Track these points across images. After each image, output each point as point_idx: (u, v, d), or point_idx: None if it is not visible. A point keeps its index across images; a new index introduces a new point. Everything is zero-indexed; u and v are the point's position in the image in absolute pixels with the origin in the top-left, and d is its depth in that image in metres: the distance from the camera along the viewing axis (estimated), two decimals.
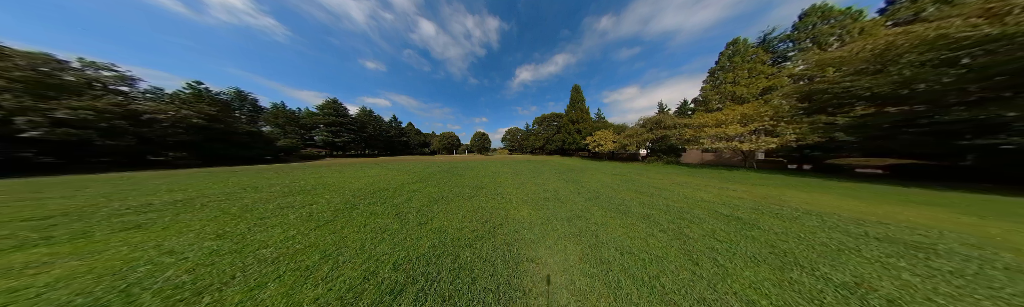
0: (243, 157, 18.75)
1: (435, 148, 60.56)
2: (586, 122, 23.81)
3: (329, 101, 33.06)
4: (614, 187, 5.71)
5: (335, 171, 9.62)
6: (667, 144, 12.61)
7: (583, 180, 6.97)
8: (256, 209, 3.60)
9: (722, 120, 8.86)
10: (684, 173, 8.44)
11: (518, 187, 5.75)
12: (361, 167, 11.88)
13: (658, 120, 12.98)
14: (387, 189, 5.39)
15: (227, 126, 17.81)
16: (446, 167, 12.08)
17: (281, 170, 10.21)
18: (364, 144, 38.94)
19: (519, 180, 6.95)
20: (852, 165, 7.72)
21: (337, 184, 6.11)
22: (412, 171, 9.69)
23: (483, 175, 8.29)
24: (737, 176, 7.49)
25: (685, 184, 6.12)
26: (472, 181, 6.76)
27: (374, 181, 6.66)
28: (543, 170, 10.06)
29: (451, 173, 9.00)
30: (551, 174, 8.56)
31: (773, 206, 3.81)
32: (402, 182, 6.50)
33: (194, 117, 15.27)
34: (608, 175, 8.18)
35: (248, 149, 19.15)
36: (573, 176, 7.92)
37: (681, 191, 5.18)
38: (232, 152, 17.96)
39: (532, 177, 7.65)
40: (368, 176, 7.89)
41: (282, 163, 17.99)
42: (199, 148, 16.12)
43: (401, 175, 8.27)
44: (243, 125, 20.04)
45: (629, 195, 4.77)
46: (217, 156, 17.25)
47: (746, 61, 17.52)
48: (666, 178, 7.27)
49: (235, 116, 20.85)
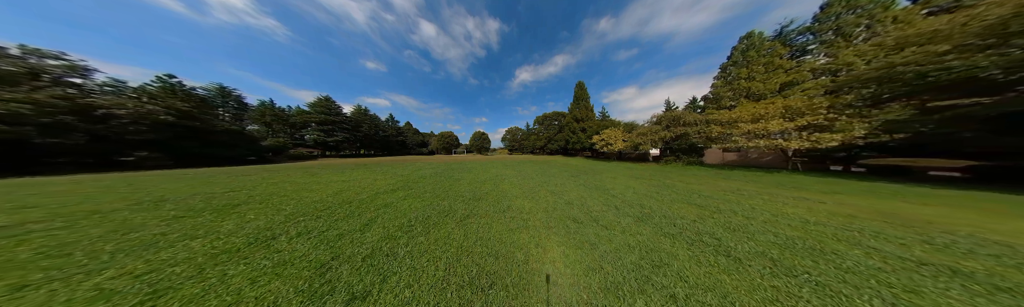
0: (223, 157, 16.98)
1: (434, 148, 58.80)
2: (591, 120, 22.33)
3: (321, 99, 31.23)
4: (654, 197, 4.27)
5: (308, 175, 8.05)
6: (687, 143, 11.24)
7: (606, 185, 5.53)
8: (71, 252, 2.06)
9: (760, 114, 7.51)
10: (717, 176, 7.06)
11: (529, 197, 4.29)
12: (343, 169, 10.30)
13: (676, 117, 11.62)
14: (350, 202, 3.88)
15: (203, 124, 16.05)
16: (441, 169, 10.56)
17: (245, 173, 8.59)
18: (359, 144, 37.13)
19: (528, 186, 5.49)
20: (922, 167, 6.39)
21: (290, 194, 4.57)
22: (399, 174, 8.16)
23: (483, 179, 6.81)
24: (788, 180, 6.13)
25: (740, 192, 4.71)
26: (469, 188, 5.28)
27: (343, 189, 5.13)
28: (552, 172, 8.60)
29: (445, 176, 7.50)
30: (563, 177, 7.12)
31: (931, 233, 2.41)
32: (379, 190, 4.98)
33: (161, 113, 13.52)
34: (630, 178, 6.75)
35: (229, 148, 17.39)
36: (590, 179, 6.49)
37: (751, 203, 3.76)
38: (210, 152, 16.19)
39: (542, 181, 6.20)
40: (341, 181, 6.35)
41: (267, 164, 16.28)
42: (169, 147, 14.36)
43: (383, 179, 6.75)
44: (223, 123, 18.26)
45: (688, 211, 3.34)
46: (194, 156, 15.48)
47: (762, 55, 16.24)
48: (705, 183, 5.87)
49: (214, 113, 19.04)
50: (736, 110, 8.66)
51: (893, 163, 6.73)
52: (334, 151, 35.81)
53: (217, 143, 16.71)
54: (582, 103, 23.27)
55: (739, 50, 17.50)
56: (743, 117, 7.96)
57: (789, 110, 7.02)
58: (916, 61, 5.38)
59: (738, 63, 17.23)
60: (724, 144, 8.85)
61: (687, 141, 11.30)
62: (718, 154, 11.82)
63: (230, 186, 5.34)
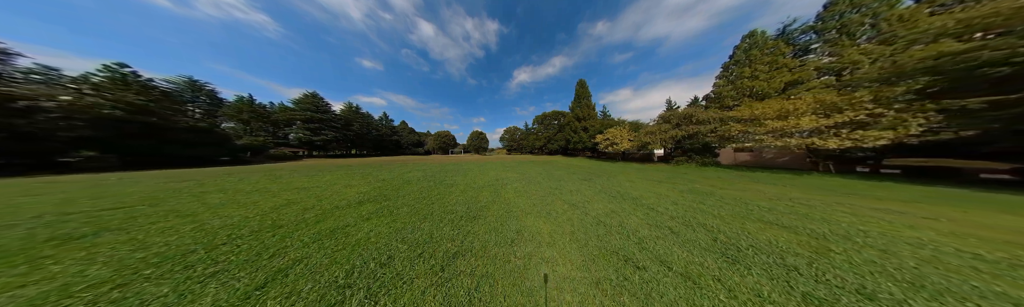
0: (187, 157, 14.95)
1: (430, 148, 56.81)
2: (593, 119, 21.40)
3: (307, 95, 29.00)
4: (704, 210, 3.22)
5: (268, 179, 6.59)
6: (701, 142, 10.41)
7: (630, 192, 4.45)
8: None
9: (788, 110, 6.68)
10: (744, 178, 6.15)
11: (543, 212, 3.14)
12: (317, 172, 8.83)
13: (687, 114, 10.79)
14: (281, 227, 2.59)
15: (162, 120, 14.03)
16: (433, 171, 9.26)
17: (177, 177, 7.01)
18: (350, 144, 34.95)
19: (537, 194, 4.34)
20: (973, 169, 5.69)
21: (202, 212, 3.19)
22: (381, 178, 6.83)
23: (481, 184, 5.61)
24: (829, 184, 5.27)
25: (799, 201, 3.72)
26: (462, 198, 4.07)
27: (292, 201, 3.80)
28: (559, 175, 7.50)
29: (435, 181, 6.25)
30: (574, 181, 6.02)
31: None
32: (341, 202, 3.69)
33: (106, 107, 11.54)
34: (651, 182, 5.72)
35: (194, 148, 15.36)
36: (606, 184, 5.40)
37: (843, 220, 2.75)
38: (171, 151, 14.17)
39: (552, 187, 5.06)
40: (300, 189, 4.99)
41: (242, 165, 14.42)
42: (118, 147, 12.34)
43: (358, 185, 5.43)
44: (187, 119, 16.18)
45: (776, 236, 2.27)
46: (151, 157, 13.46)
47: (765, 54, 15.80)
48: (740, 187, 4.90)
49: (179, 109, 16.87)
50: (758, 106, 7.83)
51: (937, 164, 6.02)
52: (322, 151, 33.53)
53: (179, 142, 14.69)
54: (583, 102, 22.32)
55: (742, 49, 17.05)
56: (768, 113, 7.13)
57: (823, 105, 6.21)
58: (996, 46, 4.58)
59: (740, 62, 16.78)
60: (745, 143, 8.00)
61: (700, 140, 10.47)
62: (730, 154, 11.09)
63: (123, 200, 3.84)
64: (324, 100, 30.44)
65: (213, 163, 15.72)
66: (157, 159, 13.67)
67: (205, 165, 13.85)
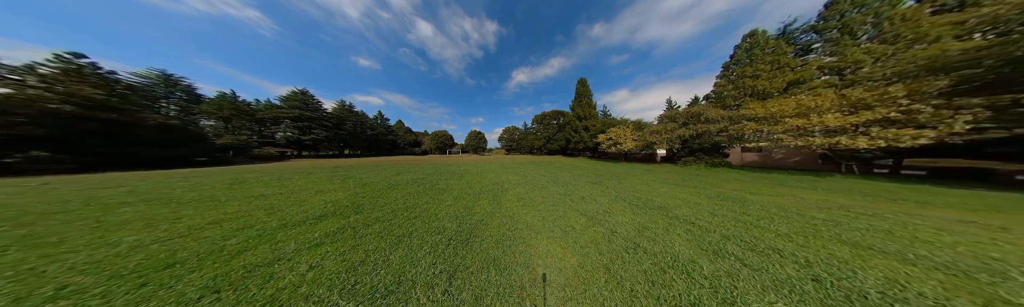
0: (158, 158, 13.58)
1: (427, 148, 55.45)
2: (594, 119, 20.79)
3: (295, 92, 27.48)
4: (751, 223, 2.54)
5: (225, 184, 5.62)
6: (710, 142, 9.88)
7: (651, 198, 3.75)
8: None
9: (809, 107, 6.15)
10: (764, 181, 5.57)
11: (558, 230, 2.39)
12: (293, 174, 7.85)
13: (695, 113, 10.27)
14: (182, 264, 1.76)
15: (126, 116, 12.66)
16: (426, 173, 8.41)
17: (114, 182, 5.93)
18: (342, 143, 33.48)
19: (545, 203, 3.59)
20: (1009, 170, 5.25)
21: (71, 240, 2.31)
22: (363, 182, 5.96)
23: (478, 190, 4.83)
24: (863, 187, 4.71)
25: (857, 211, 3.10)
26: (455, 209, 3.28)
27: (235, 214, 2.93)
28: (564, 177, 6.77)
29: (426, 185, 5.43)
30: (582, 184, 5.30)
31: None
32: (297, 218, 2.85)
33: (55, 101, 10.19)
34: (669, 186, 5.05)
35: (165, 147, 13.98)
36: (620, 188, 4.70)
37: (943, 239, 2.10)
38: (137, 151, 12.80)
39: (561, 193, 4.32)
40: (259, 196, 4.10)
41: (221, 166, 13.17)
42: (72, 146, 10.97)
43: (331, 192, 4.55)
44: (157, 116, 14.77)
45: (902, 273, 1.58)
46: (115, 157, 12.08)
47: (766, 53, 15.56)
48: (771, 192, 4.28)
49: (149, 104, 15.40)
50: (773, 103, 7.30)
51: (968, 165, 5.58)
52: (312, 151, 31.99)
53: (147, 141, 13.32)
54: (584, 100, 21.64)
55: (743, 48, 16.81)
56: (786, 111, 6.59)
57: (851, 102, 5.68)
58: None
59: (741, 62, 16.54)
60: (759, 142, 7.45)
61: (710, 140, 9.95)
62: (736, 154, 10.62)
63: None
64: (314, 97, 28.98)
65: (188, 164, 14.37)
66: (125, 160, 12.30)
67: (178, 166, 12.55)
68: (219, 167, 12.13)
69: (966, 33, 8.46)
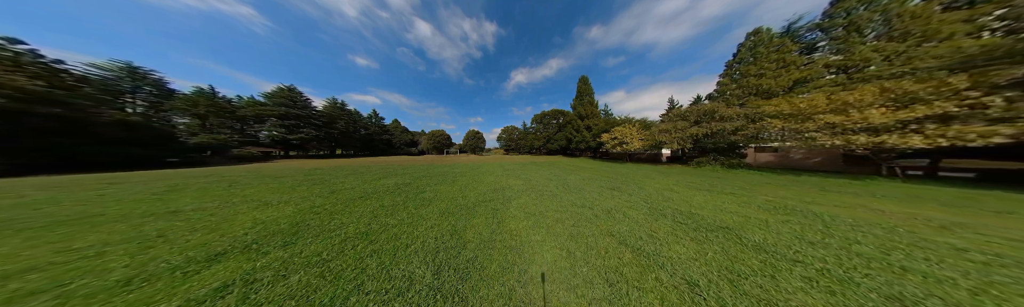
0: (126, 158, 11.98)
1: (424, 148, 53.78)
2: (596, 118, 19.87)
3: (282, 88, 25.66)
4: (917, 271, 1.62)
5: (146, 194, 4.40)
6: (726, 141, 9.12)
7: (707, 216, 2.82)
8: None
9: (847, 102, 5.36)
10: (801, 184, 4.75)
11: (607, 283, 1.37)
12: (249, 180, 6.63)
13: (708, 110, 9.51)
14: None
15: (74, 111, 11.04)
16: (417, 175, 7.32)
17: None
18: (334, 143, 31.73)
19: (565, 222, 2.59)
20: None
21: None
22: (332, 190, 4.85)
23: (473, 200, 3.80)
24: (955, 196, 3.92)
25: (998, 235, 2.25)
26: (438, 232, 2.25)
27: (27, 269, 1.85)
28: (573, 181, 5.81)
29: (409, 193, 4.37)
30: (599, 191, 4.35)
31: None
32: (140, 272, 1.77)
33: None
34: (705, 193, 4.16)
35: (125, 147, 12.36)
36: (651, 199, 3.76)
37: None
38: (88, 151, 11.19)
39: (578, 204, 3.35)
40: (162, 215, 2.96)
41: (187, 168, 11.67)
42: (2, 145, 9.36)
43: (272, 207, 3.44)
44: (116, 112, 13.10)
45: None
46: (61, 158, 10.47)
47: (771, 51, 15.07)
48: (840, 203, 3.43)
49: (106, 98, 13.68)
50: (799, 100, 6.51)
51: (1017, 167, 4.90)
52: (301, 151, 30.19)
53: (104, 140, 11.70)
54: (586, 99, 20.64)
55: (746, 47, 16.31)
56: (819, 106, 5.81)
57: (896, 94, 4.89)
58: None
59: (745, 60, 16.05)
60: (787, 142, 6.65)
61: (726, 139, 9.18)
62: (750, 154, 9.91)
63: None
64: (302, 94, 27.25)
65: (155, 165, 12.78)
66: (86, 160, 10.69)
67: (141, 168, 11.01)
68: (183, 169, 10.67)
69: (978, 30, 7.96)
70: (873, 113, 5.06)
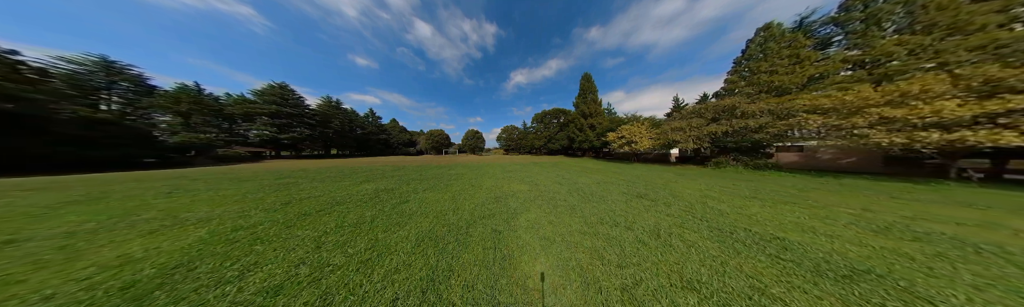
0: (100, 159, 10.82)
1: (423, 148, 52.55)
2: (600, 116, 18.88)
3: (273, 86, 24.44)
4: None
5: (41, 207, 3.41)
6: (750, 140, 8.27)
7: (793, 238, 1.92)
8: None
9: (909, 93, 4.51)
10: (882, 194, 3.86)
11: None
12: (197, 186, 5.62)
13: (728, 106, 8.69)
14: None
15: (24, 107, 9.88)
16: (405, 178, 6.35)
17: None
18: (329, 142, 30.49)
19: (602, 256, 1.66)
20: None
21: None
22: (290, 200, 3.87)
23: (469, 215, 2.86)
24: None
25: None
26: (405, 288, 1.31)
27: None
28: (587, 185, 4.88)
29: (386, 206, 3.42)
30: (627, 201, 3.43)
31: None
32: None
33: None
34: (762, 203, 3.26)
35: (94, 147, 11.19)
36: (701, 212, 2.85)
37: None
38: (50, 151, 10.03)
39: (612, 222, 2.42)
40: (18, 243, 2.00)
41: (164, 169, 10.56)
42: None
43: (179, 231, 2.46)
44: (80, 108, 11.92)
45: None
46: (19, 159, 9.30)
47: (783, 47, 14.33)
48: (985, 225, 2.57)
49: (70, 94, 12.48)
50: (850, 91, 5.66)
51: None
52: (293, 151, 28.96)
53: (64, 138, 10.53)
54: (590, 97, 19.54)
55: (756, 43, 15.57)
56: (871, 99, 4.94)
57: (978, 83, 4.03)
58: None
59: (754, 57, 15.32)
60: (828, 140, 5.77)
61: (749, 137, 8.33)
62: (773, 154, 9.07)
63: None
64: (294, 92, 26.05)
65: (128, 166, 11.61)
66: (42, 161, 9.53)
67: (107, 169, 9.88)
68: (153, 171, 9.56)
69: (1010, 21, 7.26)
70: (946, 105, 4.21)
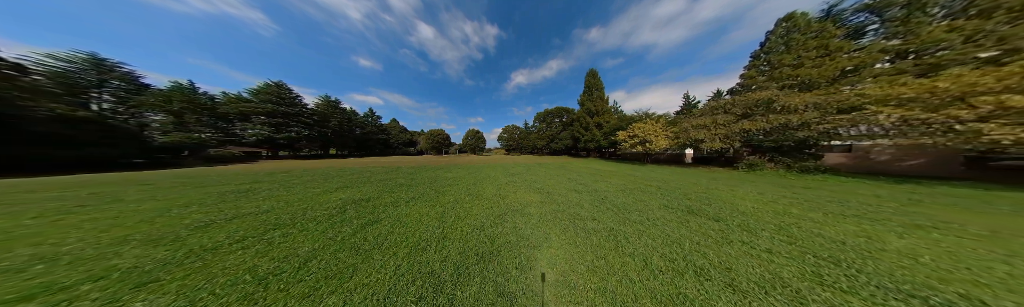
0: (80, 159, 10.12)
1: (423, 148, 51.79)
2: (608, 114, 17.65)
3: (269, 84, 23.74)
4: None
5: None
6: (792, 138, 7.13)
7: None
8: None
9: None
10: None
11: None
12: (131, 195, 4.75)
13: (763, 100, 7.60)
14: None
15: (7, 106, 9.17)
16: (392, 184, 5.43)
17: None
18: (326, 142, 29.82)
19: None
20: None
21: None
22: (230, 216, 2.96)
23: (456, 253, 1.92)
24: None
25: None
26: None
27: None
28: (610, 193, 3.91)
29: (345, 228, 2.50)
30: (680, 222, 2.48)
31: None
32: None
33: None
34: (875, 225, 2.28)
35: (76, 147, 10.49)
36: (794, 240, 1.89)
37: None
38: (25, 151, 9.33)
39: (695, 274, 1.47)
40: None
41: (150, 170, 9.84)
42: None
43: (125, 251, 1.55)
44: (59, 106, 11.22)
45: None
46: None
47: (810, 38, 13.07)
48: None
49: (50, 91, 11.80)
50: (945, 77, 4.31)
51: None
52: (291, 151, 28.33)
53: (38, 138, 9.83)
54: (596, 94, 18.11)
55: (777, 35, 14.32)
56: (982, 84, 3.76)
57: None
58: None
59: (775, 50, 14.08)
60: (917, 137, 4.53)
61: (792, 136, 7.21)
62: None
63: None
64: (291, 91, 25.35)
65: (112, 166, 10.90)
66: (7, 162, 8.82)
67: (92, 170, 9.15)
68: (129, 172, 8.81)
69: None
70: None
